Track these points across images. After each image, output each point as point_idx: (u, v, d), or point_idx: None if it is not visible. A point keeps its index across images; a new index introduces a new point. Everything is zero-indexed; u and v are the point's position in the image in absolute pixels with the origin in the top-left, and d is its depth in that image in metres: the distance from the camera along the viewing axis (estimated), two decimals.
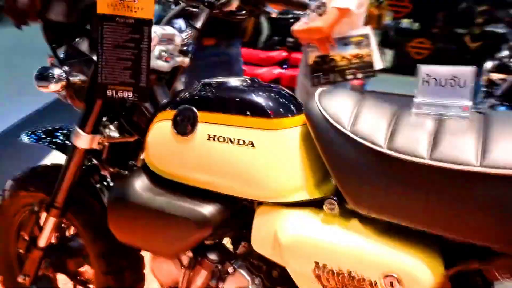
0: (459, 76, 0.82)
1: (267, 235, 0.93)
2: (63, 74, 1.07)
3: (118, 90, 0.88)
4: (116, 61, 0.86)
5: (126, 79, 0.87)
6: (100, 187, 1.24)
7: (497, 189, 0.69)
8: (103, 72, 0.87)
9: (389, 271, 0.79)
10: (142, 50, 0.84)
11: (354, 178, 0.83)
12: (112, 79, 0.87)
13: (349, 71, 2.18)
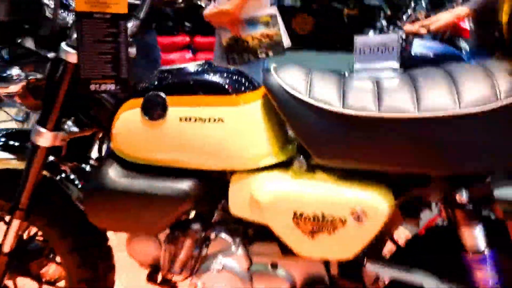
0: (387, 43, 1.01)
1: (244, 199, 1.05)
2: (22, 74, 1.07)
3: (101, 84, 0.92)
4: (96, 56, 0.90)
5: (107, 72, 0.91)
6: (64, 183, 1.24)
7: (431, 127, 0.90)
8: (85, 67, 0.90)
9: (355, 207, 0.97)
10: (120, 43, 0.90)
11: (317, 137, 0.98)
12: (94, 74, 0.91)
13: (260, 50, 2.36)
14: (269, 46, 2.33)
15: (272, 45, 2.33)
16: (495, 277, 0.96)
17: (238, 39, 2.26)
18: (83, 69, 0.91)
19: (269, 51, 2.35)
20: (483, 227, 0.96)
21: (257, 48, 2.33)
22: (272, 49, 2.33)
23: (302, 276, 1.10)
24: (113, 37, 0.89)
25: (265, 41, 2.34)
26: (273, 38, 2.32)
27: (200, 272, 1.13)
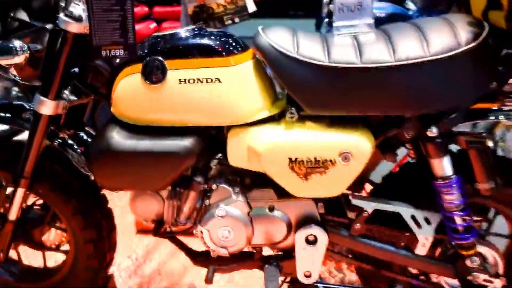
0: (362, 1, 1.14)
1: (242, 151, 1.17)
2: (24, 46, 1.11)
3: (111, 50, 0.99)
4: (106, 24, 0.96)
5: (116, 39, 0.98)
6: (64, 149, 1.30)
7: (405, 73, 1.04)
8: (96, 35, 0.96)
9: (343, 149, 1.11)
10: (127, 11, 0.96)
11: (307, 89, 1.10)
12: (105, 41, 0.97)
13: (226, 17, 2.42)
14: (235, 12, 2.39)
15: (238, 11, 2.40)
16: (460, 197, 1.15)
17: (203, 7, 2.31)
18: (95, 37, 0.97)
19: (235, 17, 2.41)
20: (449, 157, 1.13)
21: (223, 15, 2.39)
22: (238, 15, 2.40)
23: (296, 215, 1.24)
24: (119, 6, 0.96)
25: (230, 7, 2.41)
26: (238, 4, 2.38)
27: (205, 220, 1.24)
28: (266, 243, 1.27)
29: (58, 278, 1.45)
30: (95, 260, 1.40)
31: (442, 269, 1.25)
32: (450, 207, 1.16)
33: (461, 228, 1.18)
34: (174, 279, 1.74)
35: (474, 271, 1.22)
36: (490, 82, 1.07)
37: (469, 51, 1.04)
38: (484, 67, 1.07)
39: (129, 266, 1.80)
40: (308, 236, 1.22)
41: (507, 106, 1.11)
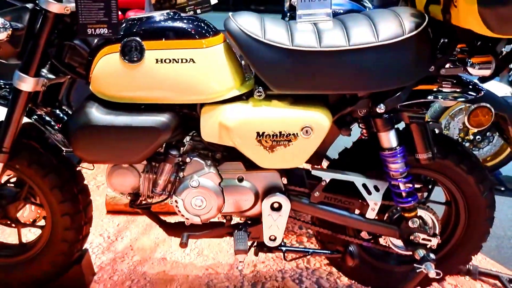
0: None
1: (214, 126, 1.29)
2: (7, 23, 1.16)
3: (96, 28, 1.07)
4: (91, 4, 1.04)
5: (101, 18, 1.06)
6: (43, 125, 1.35)
7: (358, 57, 1.20)
8: (82, 14, 1.04)
9: (304, 124, 1.25)
10: None
11: (273, 70, 1.24)
12: (90, 19, 1.05)
13: (189, 8, 2.52)
14: (197, 4, 2.49)
15: (200, 2, 2.50)
16: (403, 166, 1.32)
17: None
18: (81, 16, 1.05)
19: (197, 8, 2.51)
20: (395, 130, 1.30)
21: (185, 5, 2.47)
22: (199, 6, 2.50)
23: (263, 185, 1.37)
24: None
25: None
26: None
27: (179, 191, 1.35)
28: (235, 211, 1.39)
29: (34, 251, 1.51)
30: (72, 232, 1.47)
31: (389, 230, 1.43)
32: (395, 175, 1.34)
33: (404, 193, 1.36)
34: (146, 254, 1.83)
35: (415, 231, 1.41)
36: (429, 66, 1.25)
37: (411, 38, 1.21)
38: (424, 53, 1.24)
39: (101, 243, 1.87)
40: (273, 204, 1.36)
41: (444, 87, 1.29)
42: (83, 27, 1.07)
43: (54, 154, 1.44)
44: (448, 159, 1.40)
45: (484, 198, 1.45)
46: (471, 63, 1.23)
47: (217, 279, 1.70)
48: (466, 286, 1.79)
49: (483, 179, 1.44)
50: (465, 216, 1.48)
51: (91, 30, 1.08)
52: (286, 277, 1.74)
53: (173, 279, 1.69)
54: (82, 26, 1.07)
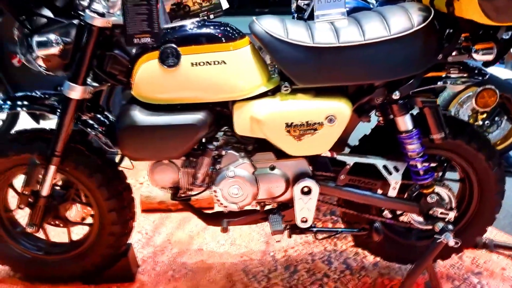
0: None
1: (246, 120, 1.42)
2: (59, 38, 1.31)
3: (141, 37, 1.21)
4: (136, 16, 1.18)
5: (144, 29, 1.20)
6: (89, 129, 1.49)
7: (373, 49, 1.33)
8: (129, 26, 1.18)
9: (328, 113, 1.38)
10: (152, 5, 1.19)
11: (297, 66, 1.37)
12: (135, 30, 1.20)
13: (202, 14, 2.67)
14: (210, 9, 2.64)
15: (212, 7, 2.64)
16: (419, 146, 1.46)
17: (180, 5, 2.54)
18: (129, 27, 1.20)
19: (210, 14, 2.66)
20: (410, 114, 1.44)
21: (199, 11, 2.63)
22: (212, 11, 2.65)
23: (293, 172, 1.50)
24: (146, 1, 1.18)
25: (205, 4, 2.65)
26: (212, 1, 2.63)
27: (218, 181, 1.48)
28: (269, 197, 1.52)
29: (85, 247, 1.64)
30: (118, 226, 1.60)
31: (409, 206, 1.56)
32: (413, 155, 1.47)
33: (422, 171, 1.49)
34: (183, 246, 1.96)
35: (433, 206, 1.54)
36: (437, 55, 1.38)
37: (420, 30, 1.34)
38: (432, 43, 1.38)
39: (140, 239, 2.01)
40: (303, 188, 1.49)
41: (452, 73, 1.43)
42: (130, 37, 1.21)
43: (99, 155, 1.57)
44: (459, 139, 1.53)
45: (494, 173, 1.58)
46: (475, 50, 1.36)
47: (252, 265, 1.83)
48: (483, 258, 1.92)
49: (492, 156, 1.57)
50: (478, 191, 1.61)
51: (137, 40, 1.22)
52: (315, 259, 1.87)
53: (211, 267, 1.82)
54: (129, 37, 1.21)
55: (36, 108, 1.54)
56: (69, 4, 1.39)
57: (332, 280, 1.75)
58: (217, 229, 2.07)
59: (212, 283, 1.73)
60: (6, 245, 1.65)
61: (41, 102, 1.52)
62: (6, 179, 1.60)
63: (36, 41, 1.29)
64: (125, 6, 1.18)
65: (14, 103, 1.52)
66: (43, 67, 1.44)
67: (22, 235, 1.69)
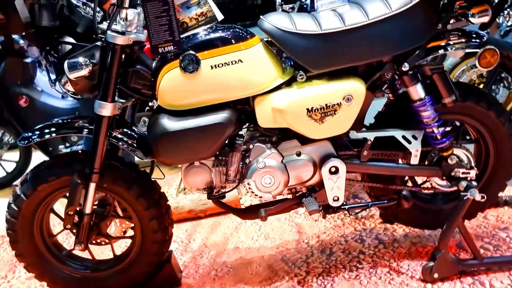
0: None
1: (268, 113, 1.50)
2: (87, 60, 1.39)
3: (164, 47, 1.30)
4: (158, 27, 1.27)
5: (167, 38, 1.29)
6: (121, 143, 1.56)
7: (378, 27, 1.43)
8: (153, 37, 1.27)
9: (345, 93, 1.47)
10: (171, 16, 1.28)
11: (309, 54, 1.47)
12: (159, 40, 1.28)
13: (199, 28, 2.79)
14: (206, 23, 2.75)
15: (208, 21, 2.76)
16: (433, 112, 1.54)
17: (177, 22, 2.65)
18: (153, 38, 1.28)
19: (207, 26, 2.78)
20: (421, 83, 1.53)
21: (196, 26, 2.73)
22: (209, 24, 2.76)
23: (318, 155, 1.59)
24: (166, 13, 1.28)
25: (202, 19, 2.76)
26: (208, 15, 2.74)
27: (249, 174, 1.56)
28: (299, 182, 1.60)
29: (130, 258, 1.70)
30: (160, 234, 1.66)
31: (432, 172, 1.64)
32: (428, 121, 1.55)
33: (439, 135, 1.57)
34: (220, 247, 2.03)
35: (454, 167, 1.62)
36: (437, 25, 1.48)
37: (418, 4, 1.45)
38: (431, 14, 1.48)
39: (177, 247, 2.07)
40: (331, 168, 1.57)
41: (452, 40, 1.52)
42: (155, 48, 1.30)
43: (132, 168, 1.65)
44: (468, 101, 1.62)
45: (506, 128, 1.66)
46: (471, 14, 1.46)
47: (289, 253, 1.90)
48: (507, 214, 2.00)
49: (502, 112, 1.66)
50: (493, 148, 1.70)
51: (162, 49, 1.31)
52: (348, 240, 1.94)
53: (251, 262, 1.88)
54: (154, 47, 1.30)
55: (64, 132, 1.61)
56: (89, 29, 1.48)
57: (368, 255, 1.82)
58: (250, 227, 2.16)
59: (256, 275, 1.79)
60: (56, 268, 1.71)
61: (66, 126, 1.59)
62: (48, 204, 1.67)
63: (68, 65, 1.37)
64: (148, 19, 1.27)
65: (41, 132, 1.59)
66: (71, 91, 1.52)
67: (68, 257, 1.75)
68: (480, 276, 1.61)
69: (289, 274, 1.77)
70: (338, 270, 1.75)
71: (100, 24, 1.50)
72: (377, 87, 1.57)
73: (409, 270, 1.70)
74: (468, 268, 1.62)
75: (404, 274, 1.68)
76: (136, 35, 1.44)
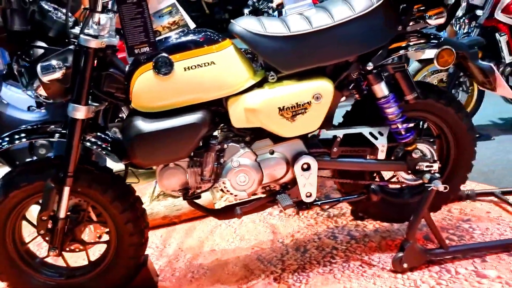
0: None
1: (241, 113, 1.55)
2: (60, 63, 1.40)
3: (140, 48, 1.33)
4: (133, 29, 1.30)
5: (142, 39, 1.32)
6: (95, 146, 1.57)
7: (343, 28, 1.51)
8: (129, 38, 1.30)
9: (314, 92, 1.54)
10: (146, 18, 1.31)
11: (279, 55, 1.53)
12: (135, 42, 1.31)
13: None
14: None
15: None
16: (397, 109, 1.63)
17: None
18: (129, 40, 1.31)
19: None
20: (384, 82, 1.62)
21: None
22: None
23: (291, 152, 1.64)
24: (140, 14, 1.31)
25: (174, 28, 2.80)
26: (180, 24, 2.79)
27: (224, 173, 1.59)
28: (272, 180, 1.65)
29: (106, 263, 1.69)
30: (136, 236, 1.66)
31: (398, 166, 1.73)
32: (393, 117, 1.64)
33: (403, 131, 1.66)
34: (195, 251, 2.04)
35: (418, 161, 1.71)
36: (397, 27, 1.58)
37: (379, 6, 1.54)
38: (391, 17, 1.57)
39: (153, 252, 2.06)
40: (303, 165, 1.62)
41: (412, 41, 1.62)
42: (131, 49, 1.33)
43: (107, 172, 1.65)
44: (429, 98, 1.72)
45: (464, 123, 1.78)
46: (429, 16, 1.57)
47: (265, 253, 1.94)
48: (469, 207, 2.11)
49: (460, 109, 1.77)
50: (454, 142, 1.80)
51: (137, 50, 1.34)
52: (322, 237, 2.00)
53: (227, 262, 1.90)
54: (130, 48, 1.33)
55: (35, 137, 1.60)
56: (61, 33, 1.49)
57: (340, 251, 1.88)
58: (225, 230, 2.19)
59: (232, 275, 1.81)
60: (30, 277, 1.68)
61: (37, 131, 1.58)
62: (20, 211, 1.64)
63: (41, 68, 1.38)
64: (123, 21, 1.30)
65: (11, 138, 1.57)
66: (43, 95, 1.52)
67: (42, 265, 1.72)
68: (446, 264, 1.70)
69: (265, 272, 1.80)
70: (312, 266, 1.80)
71: (72, 29, 1.51)
72: (345, 86, 1.65)
73: (380, 262, 1.77)
74: (435, 257, 1.71)
75: (376, 266, 1.74)
76: (109, 39, 1.46)
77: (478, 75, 1.77)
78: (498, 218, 1.99)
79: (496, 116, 3.51)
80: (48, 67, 1.39)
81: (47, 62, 1.40)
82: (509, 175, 2.47)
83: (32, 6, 1.48)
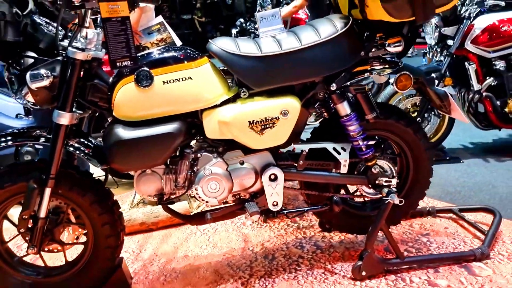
0: (274, 13, 1.76)
1: (215, 125, 1.68)
2: (48, 72, 1.52)
3: (122, 61, 1.46)
4: (117, 44, 1.43)
5: (124, 54, 1.45)
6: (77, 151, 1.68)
7: (310, 52, 1.66)
8: (112, 52, 1.43)
9: (282, 108, 1.68)
10: (128, 34, 1.45)
11: (251, 74, 1.67)
12: (117, 55, 1.44)
13: None
14: None
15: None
16: (358, 127, 1.78)
17: (139, 46, 2.82)
18: (112, 53, 1.44)
19: None
20: (347, 101, 1.77)
21: None
22: None
23: (259, 163, 1.77)
24: (123, 32, 1.45)
25: (161, 44, 2.95)
26: (167, 41, 2.94)
27: (197, 180, 1.71)
28: (242, 189, 1.77)
29: (82, 263, 1.78)
30: (113, 239, 1.76)
31: (359, 180, 1.87)
32: (354, 134, 1.79)
33: (363, 147, 1.81)
34: (169, 256, 2.13)
35: (378, 176, 1.85)
36: (360, 52, 1.74)
37: (343, 33, 1.70)
38: (355, 43, 1.73)
39: (129, 257, 2.15)
40: (271, 175, 1.75)
41: (374, 66, 1.78)
42: (113, 62, 1.46)
43: (87, 176, 1.76)
44: (390, 119, 1.87)
45: (422, 143, 1.92)
46: (388, 44, 1.73)
47: (235, 259, 2.04)
48: (429, 223, 2.24)
49: (418, 129, 1.92)
50: (412, 160, 1.95)
51: (119, 63, 1.47)
52: (290, 247, 2.11)
53: (199, 267, 2.00)
54: (113, 61, 1.46)
55: (21, 140, 1.71)
56: (51, 45, 1.62)
57: (306, 259, 1.99)
58: (199, 238, 2.29)
59: (203, 279, 1.91)
60: (7, 275, 1.76)
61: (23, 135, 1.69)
62: (2, 211, 1.73)
63: (30, 75, 1.50)
64: (107, 36, 1.43)
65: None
66: (31, 102, 1.64)
67: (20, 264, 1.80)
68: (402, 274, 1.82)
69: (233, 277, 1.90)
70: (279, 273, 1.91)
71: (62, 41, 1.64)
72: (311, 104, 1.80)
73: (341, 270, 1.88)
74: (391, 266, 1.83)
75: (337, 274, 1.86)
76: (95, 52, 1.60)
77: (435, 100, 1.93)
78: (455, 233, 2.13)
79: (466, 141, 3.69)
80: (36, 75, 1.52)
81: (36, 71, 1.52)
82: (474, 196, 2.62)
83: (25, 19, 1.62)
